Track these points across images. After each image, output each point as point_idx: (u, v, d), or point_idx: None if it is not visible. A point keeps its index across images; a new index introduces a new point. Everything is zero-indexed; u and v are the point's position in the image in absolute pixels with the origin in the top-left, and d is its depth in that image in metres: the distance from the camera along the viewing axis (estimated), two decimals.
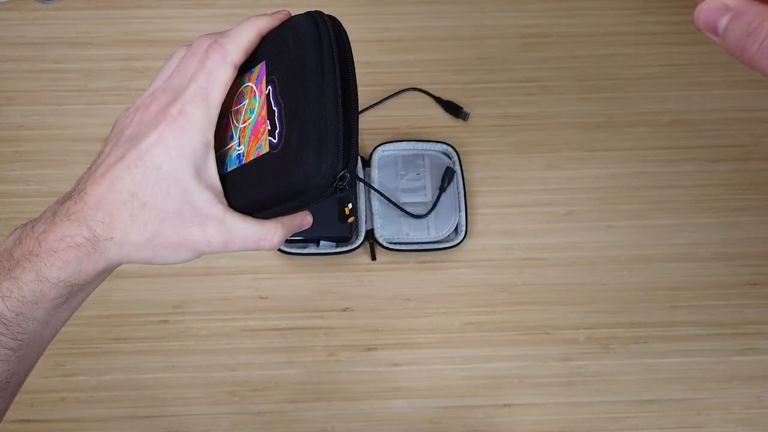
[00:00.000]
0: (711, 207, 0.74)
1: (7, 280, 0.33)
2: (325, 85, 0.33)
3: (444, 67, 0.83)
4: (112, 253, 0.35)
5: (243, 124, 0.37)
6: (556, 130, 0.79)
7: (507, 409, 0.64)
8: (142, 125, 0.35)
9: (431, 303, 0.69)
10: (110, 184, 0.34)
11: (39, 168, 0.76)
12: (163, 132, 0.33)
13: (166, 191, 0.34)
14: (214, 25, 0.85)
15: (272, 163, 0.34)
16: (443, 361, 0.66)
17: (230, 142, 0.37)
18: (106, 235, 0.34)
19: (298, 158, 0.33)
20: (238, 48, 0.35)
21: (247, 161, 0.35)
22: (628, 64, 0.84)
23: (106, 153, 0.36)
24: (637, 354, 0.67)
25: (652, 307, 0.69)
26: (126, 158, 0.34)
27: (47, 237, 0.34)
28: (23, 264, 0.34)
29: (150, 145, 0.34)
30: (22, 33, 0.85)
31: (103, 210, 0.34)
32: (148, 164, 0.34)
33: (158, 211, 0.34)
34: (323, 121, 0.32)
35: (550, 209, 0.74)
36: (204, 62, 0.34)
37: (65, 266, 0.34)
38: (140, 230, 0.34)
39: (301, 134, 0.33)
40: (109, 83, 0.81)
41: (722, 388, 0.65)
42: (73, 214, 0.34)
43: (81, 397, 0.64)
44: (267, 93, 0.35)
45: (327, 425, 0.63)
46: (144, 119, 0.35)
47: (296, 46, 0.34)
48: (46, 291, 0.34)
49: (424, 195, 0.73)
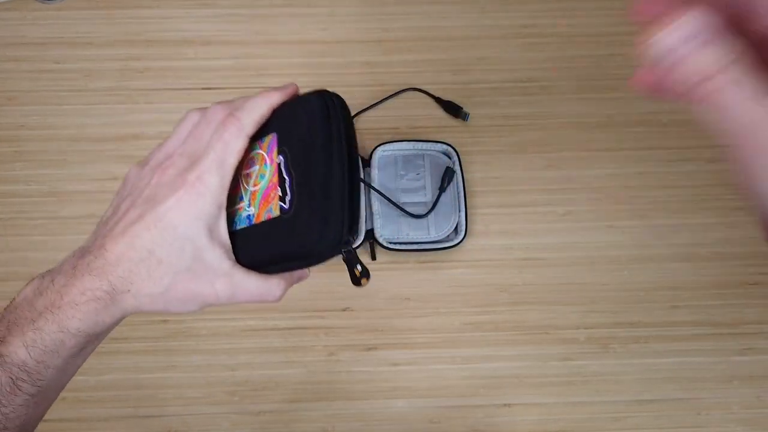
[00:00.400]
0: (711, 207, 0.74)
1: (31, 331, 0.36)
2: (334, 162, 0.36)
3: (444, 67, 0.83)
4: (127, 304, 0.37)
5: (253, 187, 0.40)
6: (555, 130, 0.79)
7: (507, 408, 0.64)
8: (160, 188, 0.38)
9: (431, 303, 0.69)
10: (130, 242, 0.37)
11: (39, 168, 0.76)
12: (181, 197, 0.36)
13: (181, 249, 0.37)
14: (214, 25, 0.86)
15: (283, 226, 0.37)
16: (443, 361, 0.66)
17: (240, 202, 0.40)
18: (124, 288, 0.37)
19: (308, 225, 0.36)
20: (253, 122, 0.38)
21: (257, 222, 0.39)
22: (628, 64, 0.84)
23: (124, 210, 0.39)
24: (636, 354, 0.67)
25: (651, 307, 0.69)
26: (145, 219, 0.37)
27: (69, 290, 0.36)
28: (46, 315, 0.36)
29: (168, 209, 0.37)
30: (22, 33, 0.85)
31: (122, 266, 0.37)
32: (167, 225, 0.36)
33: (172, 267, 0.37)
34: (332, 194, 0.36)
35: (550, 209, 0.74)
36: (221, 133, 0.37)
37: (85, 318, 0.36)
38: (155, 284, 0.37)
39: (312, 204, 0.36)
40: (109, 83, 0.81)
41: (722, 387, 0.65)
42: (94, 270, 0.37)
43: (81, 397, 0.64)
44: (278, 162, 0.38)
45: (327, 425, 0.63)
46: (162, 182, 0.38)
47: (308, 122, 0.38)
48: (66, 341, 0.36)
49: (424, 195, 0.73)
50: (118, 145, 0.77)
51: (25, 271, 0.70)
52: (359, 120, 0.79)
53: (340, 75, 0.82)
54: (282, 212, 0.37)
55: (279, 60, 0.83)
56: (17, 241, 0.71)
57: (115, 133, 0.78)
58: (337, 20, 0.86)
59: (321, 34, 0.86)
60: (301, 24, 0.86)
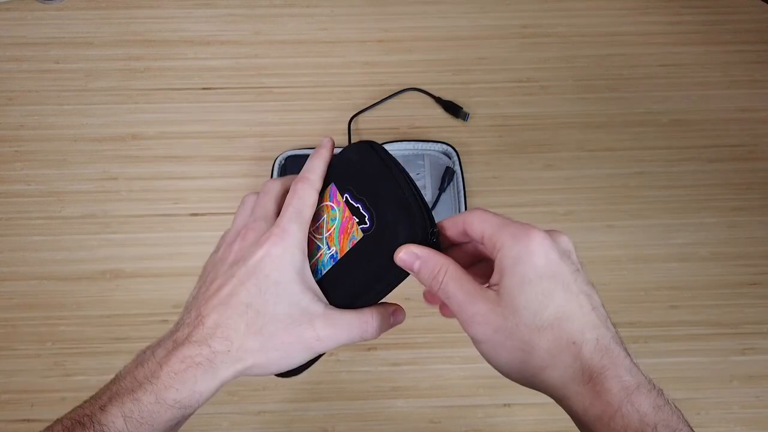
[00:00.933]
0: (711, 207, 0.74)
1: (130, 401, 0.36)
2: (395, 174, 0.40)
3: (444, 67, 0.83)
4: (227, 367, 0.37)
5: (327, 232, 0.42)
6: (555, 130, 0.79)
7: (507, 408, 0.64)
8: (245, 250, 0.40)
9: None
10: (226, 302, 0.38)
11: (39, 168, 0.76)
12: (270, 248, 0.38)
13: (276, 296, 0.38)
14: (214, 25, 0.86)
15: (371, 241, 0.40)
16: (443, 361, 0.66)
17: (318, 252, 0.42)
18: (224, 349, 0.37)
19: (395, 222, 0.39)
20: (318, 177, 0.42)
21: (342, 255, 0.41)
22: (628, 64, 0.84)
23: (212, 281, 0.40)
24: (636, 354, 0.66)
25: (651, 306, 0.69)
26: (237, 276, 0.38)
27: (169, 360, 0.36)
28: (145, 386, 0.36)
29: (258, 260, 0.38)
30: (22, 33, 0.85)
31: (222, 327, 0.37)
32: (259, 275, 0.38)
33: (270, 315, 0.38)
34: (404, 197, 0.39)
35: (550, 209, 0.74)
36: (295, 191, 0.41)
37: (182, 387, 0.36)
38: (255, 336, 0.37)
39: (390, 208, 0.39)
40: (109, 83, 0.81)
41: (721, 387, 0.65)
42: (193, 337, 0.37)
43: (81, 397, 0.64)
44: (345, 199, 0.42)
45: (327, 425, 0.63)
46: (245, 245, 0.40)
47: (358, 159, 0.42)
48: (162, 413, 0.36)
49: (424, 195, 0.73)
50: (118, 145, 0.77)
51: (25, 271, 0.70)
52: (359, 120, 0.79)
53: (340, 75, 0.82)
54: (365, 232, 0.40)
55: (279, 60, 0.83)
56: (17, 241, 0.71)
57: (115, 133, 0.78)
58: (337, 20, 0.86)
59: (321, 34, 0.86)
60: (301, 24, 0.86)
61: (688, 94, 0.82)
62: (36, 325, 0.67)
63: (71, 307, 0.68)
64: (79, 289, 0.69)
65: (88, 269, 0.70)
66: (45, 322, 0.67)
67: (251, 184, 0.74)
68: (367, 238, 0.40)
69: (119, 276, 0.70)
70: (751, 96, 0.82)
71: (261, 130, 0.78)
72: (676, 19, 0.88)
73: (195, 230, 0.72)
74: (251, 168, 0.76)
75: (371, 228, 0.40)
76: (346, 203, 0.42)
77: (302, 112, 0.80)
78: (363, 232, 0.40)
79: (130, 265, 0.70)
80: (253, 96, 0.81)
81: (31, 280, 0.69)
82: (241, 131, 0.78)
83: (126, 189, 0.75)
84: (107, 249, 0.71)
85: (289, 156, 0.75)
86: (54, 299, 0.68)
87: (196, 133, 0.78)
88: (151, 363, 0.37)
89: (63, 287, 0.69)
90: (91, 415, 0.37)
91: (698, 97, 0.81)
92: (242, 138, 0.78)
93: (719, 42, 0.86)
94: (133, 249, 0.71)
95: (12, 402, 0.64)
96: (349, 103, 0.80)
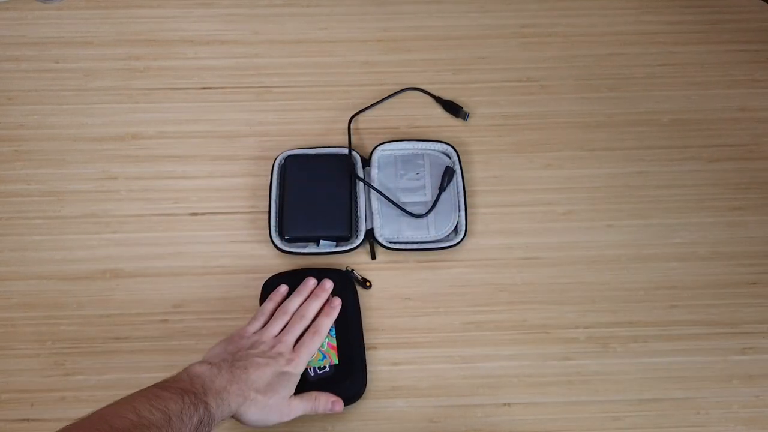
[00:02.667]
0: (711, 207, 0.74)
1: (214, 401, 0.53)
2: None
3: (444, 66, 0.83)
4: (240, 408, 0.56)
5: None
6: (555, 130, 0.79)
7: (507, 408, 0.64)
8: (276, 354, 0.61)
9: (431, 302, 0.69)
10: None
11: (39, 168, 0.76)
12: (293, 368, 0.62)
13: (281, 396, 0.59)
14: (214, 24, 0.86)
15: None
16: (443, 361, 0.66)
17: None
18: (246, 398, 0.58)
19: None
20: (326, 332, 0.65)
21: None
22: (628, 64, 0.84)
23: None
24: (636, 353, 0.67)
25: (651, 306, 0.69)
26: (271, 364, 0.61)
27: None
28: (222, 395, 0.55)
29: (284, 366, 0.61)
30: (22, 33, 0.85)
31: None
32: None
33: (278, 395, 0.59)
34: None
35: (550, 209, 0.74)
36: (313, 337, 0.63)
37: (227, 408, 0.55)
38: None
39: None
40: (109, 83, 0.81)
41: (721, 387, 0.65)
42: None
43: (81, 397, 0.64)
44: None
45: (327, 425, 0.63)
46: (276, 352, 0.62)
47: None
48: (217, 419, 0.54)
49: (424, 195, 0.73)
50: (118, 144, 0.77)
51: (25, 271, 0.70)
52: (359, 119, 0.79)
53: (339, 75, 0.82)
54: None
55: (279, 60, 0.83)
56: (17, 241, 0.71)
57: (114, 132, 0.78)
58: (337, 20, 0.86)
59: (321, 34, 0.86)
60: (301, 24, 0.86)
61: (688, 94, 0.82)
62: (36, 325, 0.67)
63: (71, 306, 0.68)
64: (79, 288, 0.69)
65: (88, 269, 0.70)
66: (45, 322, 0.67)
67: (251, 184, 0.74)
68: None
69: (119, 276, 0.70)
70: (751, 96, 0.82)
71: (261, 130, 0.78)
72: (676, 19, 0.88)
73: (195, 230, 0.72)
74: (251, 168, 0.76)
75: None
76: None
77: (302, 112, 0.80)
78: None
79: (130, 265, 0.70)
80: (253, 96, 0.81)
81: (31, 280, 0.69)
82: (241, 131, 0.78)
83: (126, 189, 0.75)
84: (107, 249, 0.71)
85: (288, 156, 0.75)
86: (54, 299, 0.68)
87: (196, 133, 0.78)
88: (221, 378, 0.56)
89: (63, 287, 0.69)
90: (197, 394, 0.52)
91: (698, 96, 0.81)
92: (242, 138, 0.78)
93: (719, 42, 0.86)
94: (133, 249, 0.71)
95: (12, 402, 0.64)
96: (349, 102, 0.80)
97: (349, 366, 0.64)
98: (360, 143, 0.77)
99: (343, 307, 0.66)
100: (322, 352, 0.64)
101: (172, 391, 0.51)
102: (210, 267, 0.70)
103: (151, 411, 0.48)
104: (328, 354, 0.64)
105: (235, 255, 0.71)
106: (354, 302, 0.68)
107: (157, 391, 0.51)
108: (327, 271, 0.69)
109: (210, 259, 0.71)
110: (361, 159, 0.75)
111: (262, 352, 0.59)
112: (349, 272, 0.69)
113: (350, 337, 0.65)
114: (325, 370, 0.63)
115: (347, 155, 0.74)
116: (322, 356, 0.64)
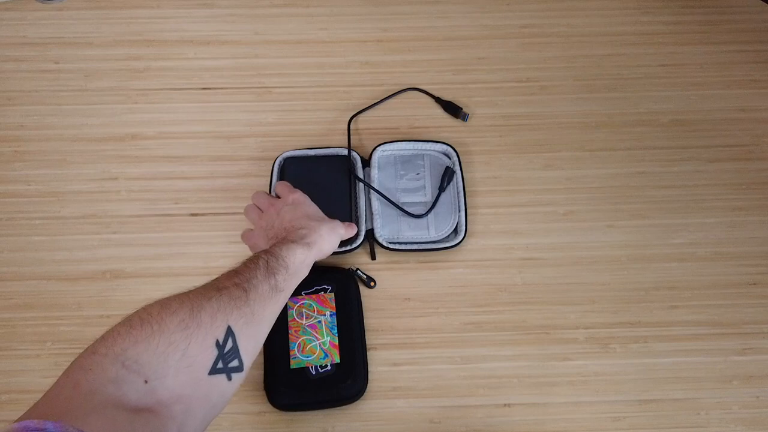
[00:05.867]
0: (711, 207, 0.74)
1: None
2: None
3: (444, 67, 0.83)
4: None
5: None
6: (555, 130, 0.79)
7: (507, 408, 0.64)
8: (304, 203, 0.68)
9: (431, 303, 0.69)
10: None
11: (39, 168, 0.76)
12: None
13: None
14: (214, 25, 0.86)
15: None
16: (443, 361, 0.66)
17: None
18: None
19: None
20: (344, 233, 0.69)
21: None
22: (628, 64, 0.84)
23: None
24: (636, 353, 0.67)
25: (651, 306, 0.69)
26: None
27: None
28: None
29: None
30: (22, 33, 0.85)
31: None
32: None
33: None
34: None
35: (550, 209, 0.74)
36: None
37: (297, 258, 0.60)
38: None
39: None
40: (109, 83, 0.81)
41: (721, 387, 0.65)
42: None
43: None
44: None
45: (327, 425, 0.63)
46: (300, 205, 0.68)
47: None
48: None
49: (424, 195, 0.73)
50: (118, 145, 0.77)
51: (25, 271, 0.70)
52: (359, 120, 0.79)
53: (339, 75, 0.82)
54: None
55: (279, 60, 0.83)
56: (17, 241, 0.71)
57: (114, 133, 0.78)
58: (337, 20, 0.86)
59: (321, 34, 0.86)
60: (301, 24, 0.86)
61: (688, 94, 0.82)
62: (36, 325, 0.67)
63: (71, 307, 0.68)
64: (79, 289, 0.69)
65: (88, 269, 0.70)
66: (45, 322, 0.67)
67: (251, 184, 0.74)
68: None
69: (119, 276, 0.70)
70: (750, 96, 0.82)
71: (261, 130, 0.78)
72: (676, 19, 0.88)
73: (195, 230, 0.72)
74: (251, 168, 0.76)
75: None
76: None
77: (302, 112, 0.80)
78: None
79: (130, 265, 0.70)
80: (253, 96, 0.81)
81: (31, 280, 0.69)
82: (241, 131, 0.78)
83: (126, 189, 0.75)
84: (107, 249, 0.71)
85: (288, 156, 0.75)
86: (54, 299, 0.68)
87: (196, 133, 0.78)
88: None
89: (63, 287, 0.69)
90: (273, 254, 0.58)
91: (698, 97, 0.81)
92: (242, 138, 0.78)
93: (719, 42, 0.86)
94: (132, 249, 0.71)
95: (12, 402, 0.64)
96: (348, 103, 0.80)
97: (350, 364, 0.64)
98: (360, 144, 0.77)
99: (345, 306, 0.67)
100: (324, 351, 0.64)
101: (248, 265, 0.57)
102: (210, 267, 0.70)
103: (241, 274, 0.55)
104: (329, 352, 0.64)
105: (235, 255, 0.71)
106: (357, 301, 0.68)
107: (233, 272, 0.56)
108: (331, 270, 0.69)
109: (210, 260, 0.70)
110: (361, 159, 0.75)
111: (278, 212, 0.65)
112: (353, 271, 0.69)
113: (352, 336, 0.65)
114: (326, 369, 0.63)
115: (347, 156, 0.74)
116: (324, 354, 0.64)
